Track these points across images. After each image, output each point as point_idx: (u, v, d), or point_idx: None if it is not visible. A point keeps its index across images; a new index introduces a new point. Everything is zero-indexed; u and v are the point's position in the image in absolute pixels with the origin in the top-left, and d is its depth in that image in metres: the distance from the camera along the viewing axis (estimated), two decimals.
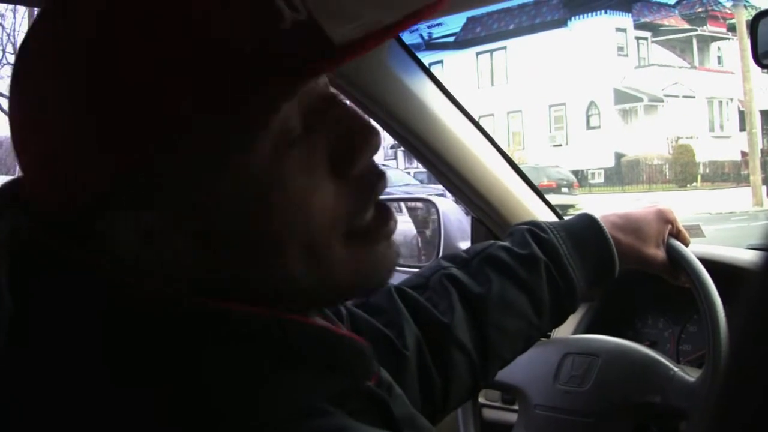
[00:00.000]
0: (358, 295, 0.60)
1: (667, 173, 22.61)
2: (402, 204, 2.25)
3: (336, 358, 0.55)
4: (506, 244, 0.98)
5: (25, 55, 0.53)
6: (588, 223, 1.02)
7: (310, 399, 0.51)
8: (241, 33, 0.49)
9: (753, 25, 1.01)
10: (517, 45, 25.39)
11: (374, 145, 0.55)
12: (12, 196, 0.56)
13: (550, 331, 1.29)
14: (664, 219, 1.07)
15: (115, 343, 0.49)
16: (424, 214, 1.70)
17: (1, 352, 0.50)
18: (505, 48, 26.00)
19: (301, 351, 0.53)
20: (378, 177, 0.57)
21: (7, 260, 0.52)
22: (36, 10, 0.62)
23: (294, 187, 0.51)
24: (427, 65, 1.27)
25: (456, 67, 26.20)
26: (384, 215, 0.58)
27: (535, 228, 0.99)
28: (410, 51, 1.23)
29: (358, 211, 0.55)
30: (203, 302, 0.51)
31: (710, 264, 1.08)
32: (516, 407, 1.25)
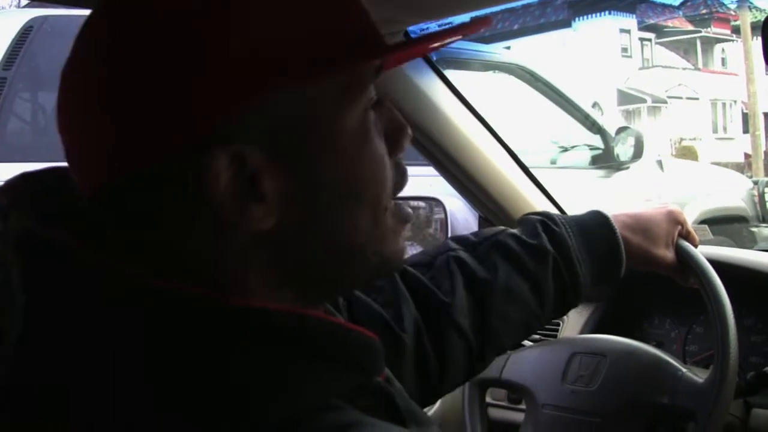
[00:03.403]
0: (387, 271, 0.62)
1: None
2: None
3: (351, 355, 0.55)
4: (516, 232, 0.98)
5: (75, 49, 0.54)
6: (600, 220, 1.01)
7: (325, 395, 0.52)
8: (354, 21, 0.57)
9: (765, 27, 1.00)
10: (521, 45, 25.36)
11: (408, 141, 0.61)
12: (19, 194, 0.56)
13: (550, 323, 1.29)
14: (674, 220, 1.07)
15: (138, 342, 0.50)
16: (427, 213, 1.70)
17: (15, 347, 0.51)
18: (509, 48, 25.98)
19: (319, 347, 0.54)
20: (404, 171, 0.61)
21: (19, 258, 0.52)
22: None
23: (375, 146, 0.57)
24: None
25: None
26: (403, 211, 0.62)
27: (547, 220, 0.99)
28: None
29: (396, 191, 0.60)
30: (229, 300, 0.51)
31: (719, 265, 1.08)
32: (522, 407, 1.25)
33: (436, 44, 0.62)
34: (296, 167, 0.53)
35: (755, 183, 5.24)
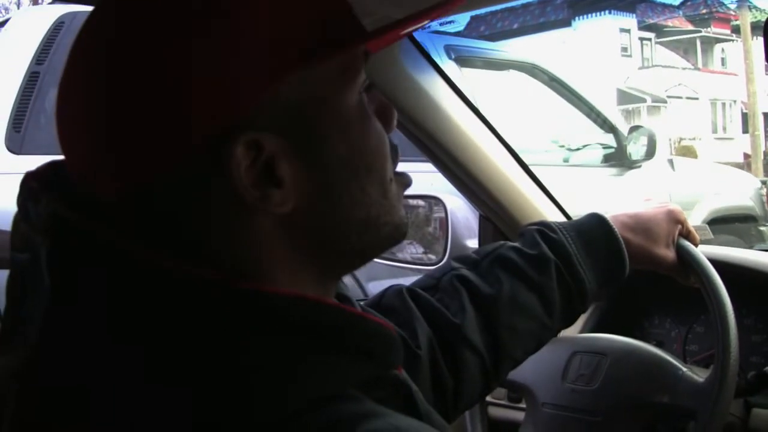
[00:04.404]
0: (396, 239, 0.64)
1: None
2: None
3: (369, 345, 0.56)
4: (516, 245, 0.99)
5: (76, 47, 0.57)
6: (597, 223, 1.02)
7: (342, 384, 0.53)
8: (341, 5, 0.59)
9: (766, 27, 1.00)
10: (521, 44, 25.36)
11: (395, 119, 0.65)
12: (49, 180, 0.57)
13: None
14: (674, 219, 1.07)
15: (153, 328, 0.51)
16: (426, 212, 1.70)
17: (42, 326, 0.52)
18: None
19: (335, 336, 0.54)
20: (396, 148, 0.64)
21: (47, 242, 0.53)
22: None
23: (374, 121, 0.61)
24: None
25: None
26: (405, 177, 0.65)
27: (544, 228, 0.99)
28: (422, 48, 1.23)
29: (394, 163, 0.63)
30: (245, 286, 0.52)
31: (719, 265, 1.08)
32: (522, 405, 1.25)
33: (416, 26, 0.63)
34: (308, 148, 0.56)
35: (763, 182, 5.29)
